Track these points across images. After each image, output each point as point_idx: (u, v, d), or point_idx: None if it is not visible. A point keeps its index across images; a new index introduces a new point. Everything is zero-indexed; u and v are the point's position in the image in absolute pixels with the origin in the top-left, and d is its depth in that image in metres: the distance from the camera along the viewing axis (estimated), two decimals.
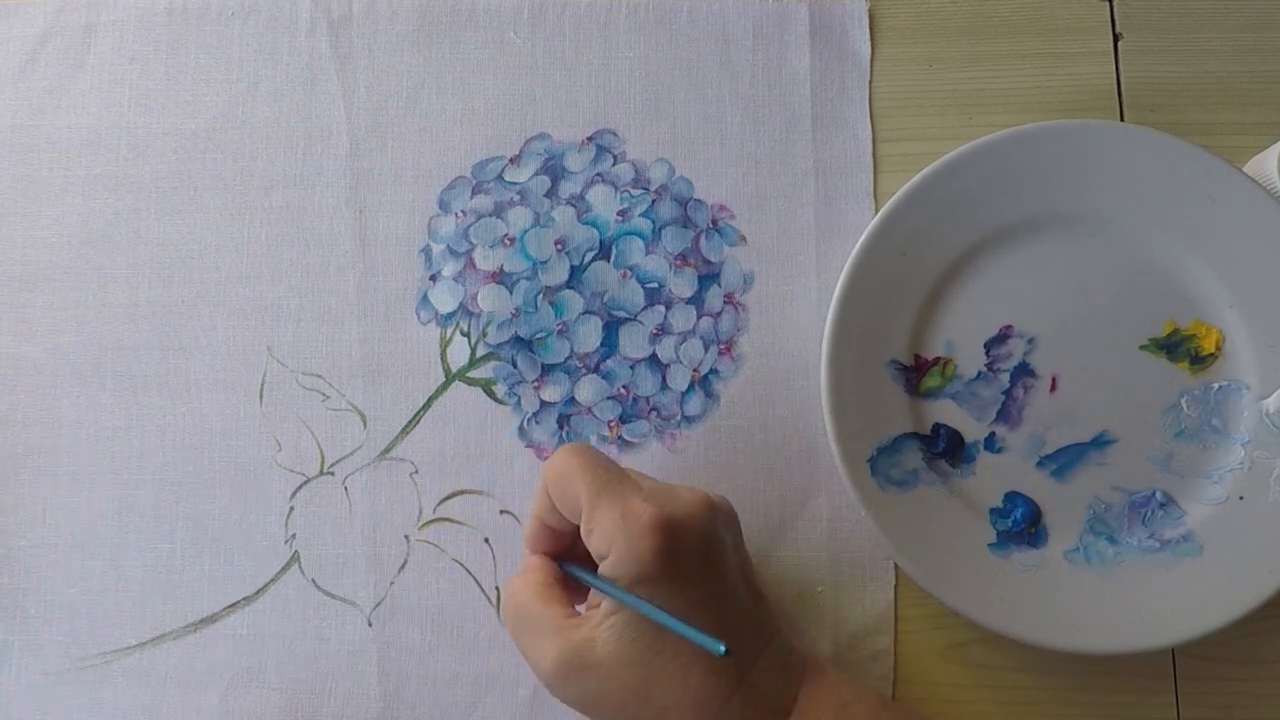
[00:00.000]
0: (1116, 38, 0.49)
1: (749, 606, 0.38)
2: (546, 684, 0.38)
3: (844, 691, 0.39)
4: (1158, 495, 0.45)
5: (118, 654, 0.46)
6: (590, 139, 0.49)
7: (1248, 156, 0.47)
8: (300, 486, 0.47)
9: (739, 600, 0.38)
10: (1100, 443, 0.46)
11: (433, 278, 0.48)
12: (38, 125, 0.49)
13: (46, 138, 0.49)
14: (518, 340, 0.47)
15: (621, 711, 0.37)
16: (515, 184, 0.48)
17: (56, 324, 0.48)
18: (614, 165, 0.48)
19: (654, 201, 0.48)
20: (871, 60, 0.49)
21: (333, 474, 0.47)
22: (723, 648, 0.34)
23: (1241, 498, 0.45)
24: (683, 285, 0.47)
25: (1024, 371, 0.46)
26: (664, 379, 0.47)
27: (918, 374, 0.46)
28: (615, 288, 0.47)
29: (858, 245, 0.45)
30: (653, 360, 0.47)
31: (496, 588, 0.46)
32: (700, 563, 0.37)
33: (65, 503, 0.47)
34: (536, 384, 0.47)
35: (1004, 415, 0.46)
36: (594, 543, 0.37)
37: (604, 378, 0.47)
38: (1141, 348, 0.46)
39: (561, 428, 0.47)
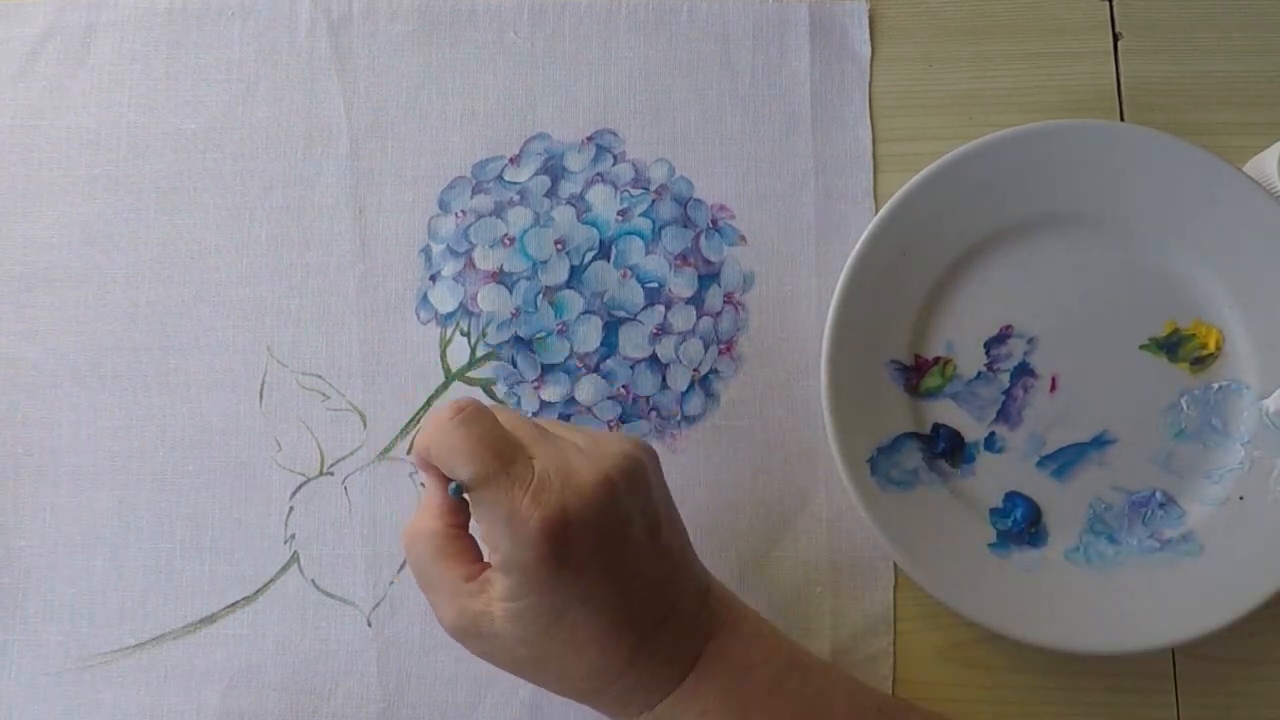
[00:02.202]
0: (1116, 38, 0.49)
1: (652, 575, 0.37)
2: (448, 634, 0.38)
3: (752, 652, 0.38)
4: (1158, 495, 0.45)
5: (118, 654, 0.46)
6: (590, 139, 0.49)
7: (1248, 156, 0.47)
8: (300, 486, 0.47)
9: (639, 573, 0.36)
10: (1100, 443, 0.46)
11: (433, 278, 0.48)
12: (38, 125, 0.49)
13: (46, 138, 0.49)
14: (517, 340, 0.47)
15: (518, 672, 0.38)
16: (515, 184, 0.48)
17: (56, 324, 0.48)
18: (614, 165, 0.48)
19: (654, 201, 0.48)
20: (871, 60, 0.49)
21: (332, 474, 0.47)
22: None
23: (1241, 498, 0.45)
24: (683, 285, 0.47)
25: (1024, 371, 0.46)
26: (664, 379, 0.47)
27: (918, 374, 0.46)
28: (615, 287, 0.47)
29: (858, 245, 0.45)
30: (652, 360, 0.47)
31: None
32: (594, 554, 0.35)
33: (65, 503, 0.47)
34: (536, 384, 0.47)
35: (1004, 415, 0.46)
36: (481, 532, 0.36)
37: (604, 377, 0.47)
38: (1141, 348, 0.46)
39: None
